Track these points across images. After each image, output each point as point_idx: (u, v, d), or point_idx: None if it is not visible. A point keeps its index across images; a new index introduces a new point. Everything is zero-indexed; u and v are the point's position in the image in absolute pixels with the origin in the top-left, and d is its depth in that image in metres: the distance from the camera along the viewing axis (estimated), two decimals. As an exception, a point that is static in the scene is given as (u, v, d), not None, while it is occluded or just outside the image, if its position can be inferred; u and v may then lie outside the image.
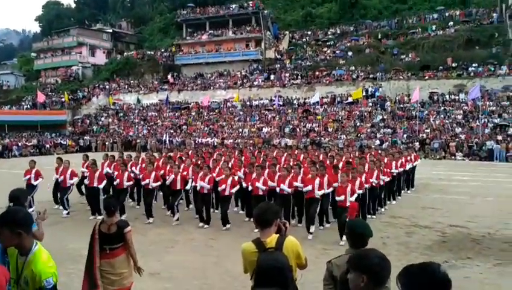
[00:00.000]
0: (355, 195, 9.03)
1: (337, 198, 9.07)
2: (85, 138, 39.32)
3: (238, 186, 10.43)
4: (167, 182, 11.00)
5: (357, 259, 2.49)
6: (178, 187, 10.81)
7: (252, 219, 10.36)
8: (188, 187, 11.27)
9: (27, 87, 55.11)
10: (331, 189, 9.74)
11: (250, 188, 10.12)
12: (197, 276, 6.71)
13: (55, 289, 2.95)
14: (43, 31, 76.23)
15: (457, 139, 28.08)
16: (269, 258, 3.17)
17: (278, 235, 3.38)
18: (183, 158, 13.22)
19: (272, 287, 3.05)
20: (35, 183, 11.77)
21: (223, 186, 10.14)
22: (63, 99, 44.12)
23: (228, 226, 10.05)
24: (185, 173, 11.45)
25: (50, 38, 60.28)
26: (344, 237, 7.69)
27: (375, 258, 2.45)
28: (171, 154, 15.25)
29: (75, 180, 11.93)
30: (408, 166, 14.66)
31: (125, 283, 4.66)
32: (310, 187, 9.38)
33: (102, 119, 44.49)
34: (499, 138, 26.82)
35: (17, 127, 38.19)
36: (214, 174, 10.91)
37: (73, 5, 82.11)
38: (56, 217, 11.01)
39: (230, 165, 11.47)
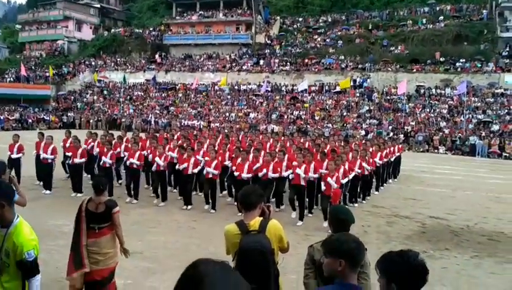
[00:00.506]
0: (343, 181, 9.17)
1: (322, 185, 9.15)
2: (69, 114, 38.72)
3: (219, 171, 10.36)
4: (153, 168, 10.88)
5: (335, 244, 2.50)
6: (161, 168, 10.70)
7: (235, 202, 10.42)
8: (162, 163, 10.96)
9: (11, 59, 53.91)
10: (316, 175, 9.78)
11: (236, 173, 10.11)
12: (180, 257, 6.70)
13: (36, 262, 2.92)
14: (28, 2, 74.16)
15: (441, 133, 28.44)
16: (252, 240, 3.18)
17: (261, 218, 3.39)
18: (168, 140, 13.15)
19: (254, 269, 3.06)
20: (13, 156, 11.59)
21: (207, 169, 10.13)
22: (47, 74, 43.19)
23: (212, 211, 10.04)
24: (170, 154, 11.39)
25: (36, 11, 58.76)
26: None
27: (352, 243, 2.48)
28: (157, 134, 15.12)
29: (54, 156, 11.69)
30: (392, 157, 14.85)
31: (110, 263, 4.59)
32: (301, 171, 9.36)
33: (87, 96, 43.78)
34: (482, 133, 27.26)
35: (-1, 100, 37.38)
36: (199, 157, 10.88)
37: (60, -22, 79.95)
38: (37, 193, 10.87)
39: (215, 149, 11.44)
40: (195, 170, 10.33)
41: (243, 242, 3.19)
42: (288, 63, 41.72)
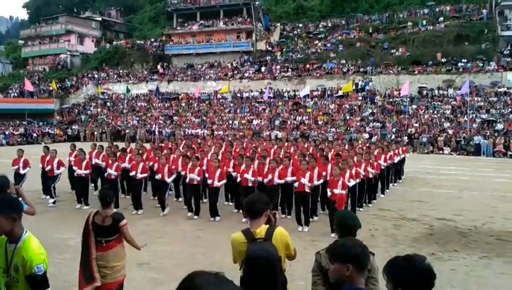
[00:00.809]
0: (351, 183, 9.15)
1: (328, 192, 9.11)
2: (73, 127, 38.95)
3: (225, 180, 10.38)
4: (157, 176, 10.90)
5: (341, 249, 2.51)
6: (166, 178, 10.72)
7: (240, 211, 10.40)
8: (170, 180, 10.90)
9: (14, 75, 54.27)
10: (321, 181, 9.75)
11: (239, 179, 10.11)
12: (186, 267, 6.69)
13: (45, 277, 2.93)
14: (31, 18, 74.92)
15: (445, 134, 28.35)
16: (259, 248, 3.17)
17: (267, 225, 3.38)
18: (172, 149, 13.17)
19: (261, 277, 3.06)
20: (23, 172, 11.64)
21: (212, 178, 10.11)
22: (50, 88, 43.50)
23: (218, 218, 10.06)
24: (173, 164, 11.40)
25: (38, 26, 59.23)
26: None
27: (358, 247, 2.49)
28: (162, 144, 15.14)
29: (62, 169, 11.78)
30: (396, 159, 14.81)
31: (117, 276, 4.55)
32: (306, 180, 9.32)
33: (91, 108, 44.01)
34: (487, 133, 27.14)
35: (4, 115, 37.59)
36: (204, 167, 10.89)
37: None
38: (43, 207, 10.90)
39: (219, 157, 11.45)
40: (199, 178, 10.30)
41: (249, 250, 3.18)
42: (290, 69, 41.80)
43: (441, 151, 27.33)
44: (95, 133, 36.87)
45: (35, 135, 35.54)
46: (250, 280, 3.10)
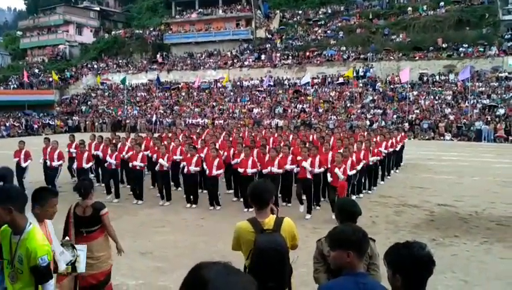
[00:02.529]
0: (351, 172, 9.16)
1: (329, 177, 9.15)
2: (74, 118, 38.93)
3: (223, 169, 10.37)
4: (156, 168, 10.91)
5: (341, 236, 2.53)
6: (165, 168, 10.69)
7: (240, 199, 10.45)
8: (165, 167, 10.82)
9: (13, 66, 54.13)
10: (322, 169, 9.77)
11: (240, 169, 10.12)
12: (189, 255, 6.74)
13: (49, 267, 2.96)
14: (28, 8, 74.37)
15: (446, 120, 28.29)
16: (268, 239, 3.19)
17: (275, 216, 3.39)
18: (171, 139, 13.15)
19: (270, 269, 3.09)
20: (24, 165, 11.65)
21: (210, 167, 10.13)
22: (50, 79, 43.41)
23: (218, 207, 10.09)
24: (172, 153, 11.43)
25: (36, 17, 58.92)
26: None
27: (358, 233, 2.51)
28: (163, 135, 15.11)
29: (61, 162, 11.73)
30: (398, 146, 14.86)
31: (103, 266, 4.59)
32: (307, 164, 9.34)
33: (91, 99, 43.93)
34: (488, 118, 27.08)
35: (3, 107, 37.54)
36: (202, 155, 10.89)
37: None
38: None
39: (217, 146, 11.45)
40: (198, 168, 10.34)
41: (258, 241, 3.19)
42: (290, 57, 41.57)
43: (442, 138, 27.30)
44: (96, 123, 36.86)
45: (36, 126, 35.53)
46: (259, 270, 3.12)
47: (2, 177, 4.58)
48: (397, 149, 14.79)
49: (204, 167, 10.23)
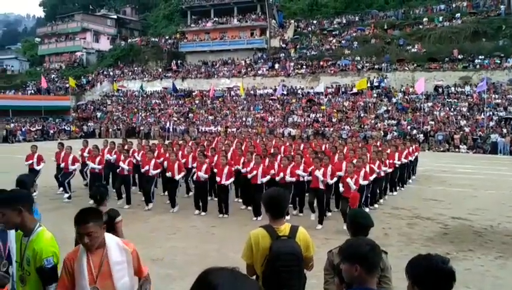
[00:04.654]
0: (363, 182, 9.06)
1: (341, 187, 9.09)
2: (89, 124, 39.42)
3: (233, 178, 10.37)
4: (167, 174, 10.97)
5: (348, 249, 2.50)
6: (176, 176, 10.71)
7: (248, 207, 10.44)
8: (179, 176, 10.89)
9: (31, 72, 55.19)
10: (335, 179, 9.71)
11: (250, 176, 10.11)
12: (199, 263, 6.73)
13: (55, 270, 2.95)
14: (47, 16, 75.94)
15: (461, 132, 27.95)
16: (284, 245, 3.20)
17: (290, 224, 3.39)
18: (181, 146, 13.22)
19: (287, 274, 3.08)
20: (37, 168, 11.83)
21: (220, 175, 10.14)
22: (67, 85, 44.12)
23: (226, 216, 10.07)
24: (183, 160, 11.50)
25: (54, 24, 60.12)
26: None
27: (365, 246, 2.46)
28: (175, 141, 15.21)
29: (77, 166, 11.94)
30: (412, 157, 14.73)
31: None
32: (320, 173, 9.29)
33: (107, 105, 44.48)
34: (504, 131, 26.67)
35: (21, 112, 38.18)
36: (213, 163, 10.93)
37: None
38: (58, 202, 11.07)
39: (229, 155, 11.47)
40: (206, 175, 10.35)
41: (274, 247, 3.19)
42: (304, 66, 41.62)
43: (457, 150, 26.96)
44: (110, 130, 37.27)
45: (51, 131, 36.05)
46: (274, 277, 3.11)
47: (22, 183, 4.64)
48: (411, 160, 14.64)
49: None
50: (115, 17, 62.54)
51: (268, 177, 9.92)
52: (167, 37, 55.23)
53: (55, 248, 2.97)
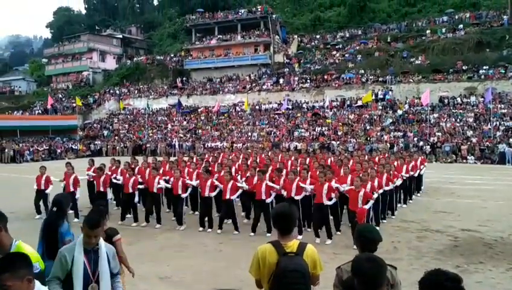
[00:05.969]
0: (371, 202, 8.94)
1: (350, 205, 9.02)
2: (96, 142, 39.64)
3: (238, 193, 10.34)
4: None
5: (352, 265, 2.54)
6: (179, 192, 10.69)
7: (250, 220, 10.38)
8: (185, 195, 10.90)
9: (38, 92, 55.85)
10: (334, 199, 9.57)
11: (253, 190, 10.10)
12: (208, 281, 6.70)
13: (43, 276, 2.96)
14: (54, 37, 77.19)
15: (468, 143, 27.80)
16: (291, 262, 3.20)
17: (298, 241, 3.39)
18: (187, 163, 13.22)
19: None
20: (47, 191, 11.79)
21: (224, 190, 10.15)
22: (74, 105, 44.57)
23: (236, 232, 10.00)
24: (188, 177, 11.53)
25: (61, 44, 61.03)
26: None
27: (366, 262, 2.48)
28: (180, 158, 15.24)
29: (78, 191, 11.81)
30: (421, 169, 14.66)
31: None
32: (324, 191, 9.21)
33: (113, 124, 44.81)
34: (511, 141, 26.50)
35: (28, 132, 38.51)
36: (215, 179, 10.92)
37: (83, 11, 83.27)
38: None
39: (233, 170, 11.46)
40: (213, 194, 10.37)
41: (281, 263, 3.19)
42: (308, 80, 41.82)
43: (464, 160, 26.79)
44: (117, 148, 37.44)
45: (59, 150, 36.28)
46: None
47: (58, 203, 4.68)
48: (419, 173, 14.55)
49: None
50: (121, 36, 63.46)
51: (272, 197, 9.86)
52: (172, 55, 55.86)
53: (38, 255, 2.98)
